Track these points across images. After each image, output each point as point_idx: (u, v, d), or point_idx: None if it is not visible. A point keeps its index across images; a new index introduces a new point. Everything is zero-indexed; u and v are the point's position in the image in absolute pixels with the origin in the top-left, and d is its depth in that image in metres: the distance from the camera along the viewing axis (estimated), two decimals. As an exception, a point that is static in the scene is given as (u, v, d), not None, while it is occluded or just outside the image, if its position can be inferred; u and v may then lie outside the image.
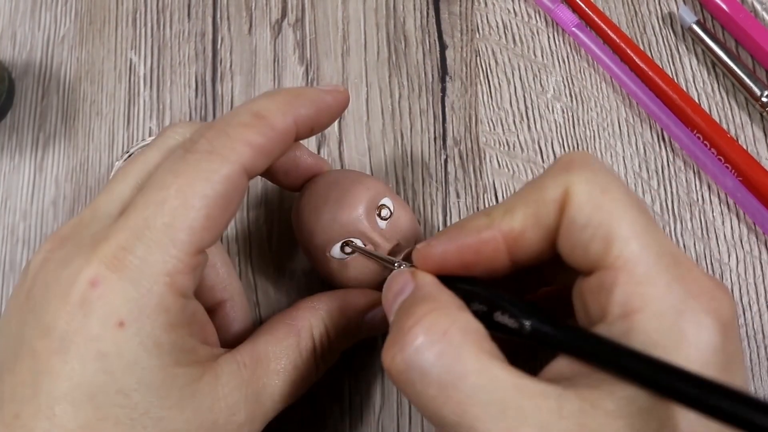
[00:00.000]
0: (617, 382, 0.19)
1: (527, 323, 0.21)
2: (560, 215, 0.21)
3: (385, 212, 0.28)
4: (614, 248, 0.20)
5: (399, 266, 0.26)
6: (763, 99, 0.33)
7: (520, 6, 0.37)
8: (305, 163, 0.29)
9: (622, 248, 0.20)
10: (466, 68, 0.36)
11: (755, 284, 0.32)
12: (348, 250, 0.28)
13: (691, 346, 0.19)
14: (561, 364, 0.21)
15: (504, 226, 0.22)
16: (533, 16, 0.36)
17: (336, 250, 0.28)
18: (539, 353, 0.26)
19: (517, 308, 0.21)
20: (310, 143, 0.35)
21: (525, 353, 0.24)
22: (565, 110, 0.35)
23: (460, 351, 0.20)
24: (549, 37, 0.36)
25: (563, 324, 0.20)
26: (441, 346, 0.20)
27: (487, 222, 0.22)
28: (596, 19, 0.35)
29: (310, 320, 0.26)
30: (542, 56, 0.36)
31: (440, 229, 0.33)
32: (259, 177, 0.34)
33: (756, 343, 0.31)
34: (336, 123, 0.35)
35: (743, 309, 0.31)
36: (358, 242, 0.28)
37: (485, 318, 0.21)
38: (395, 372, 0.20)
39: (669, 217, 0.33)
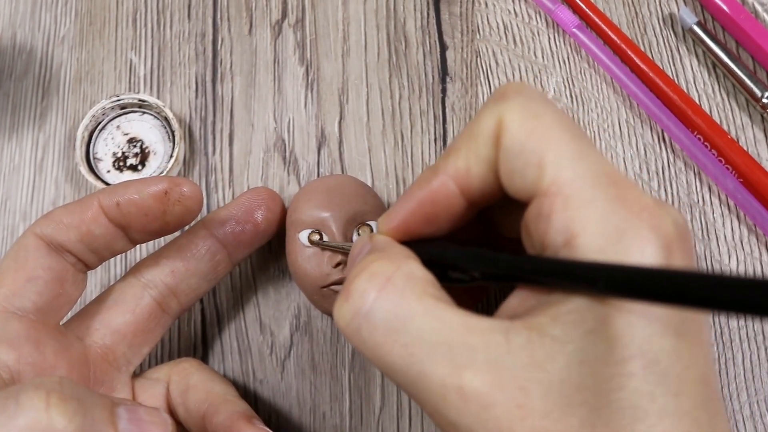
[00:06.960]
0: (563, 305, 0.18)
1: (476, 273, 0.21)
2: (497, 146, 0.21)
3: (364, 230, 0.30)
4: (547, 174, 0.19)
5: None
6: (764, 100, 0.33)
7: (520, 7, 0.37)
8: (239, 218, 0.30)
9: (556, 173, 0.19)
10: (467, 69, 0.36)
11: (756, 286, 0.31)
12: (315, 238, 0.29)
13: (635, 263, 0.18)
14: (512, 303, 0.20)
15: (450, 169, 0.22)
16: (534, 17, 0.36)
17: (303, 236, 0.29)
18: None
19: (463, 258, 0.21)
20: (310, 143, 0.35)
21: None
22: (565, 111, 0.35)
23: (404, 294, 0.19)
24: (549, 38, 0.36)
25: (505, 257, 0.20)
26: (384, 292, 0.20)
27: (434, 170, 0.22)
28: (597, 20, 0.35)
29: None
30: (543, 57, 0.36)
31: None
32: (257, 181, 0.34)
33: (756, 344, 0.31)
34: (336, 124, 0.35)
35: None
36: (326, 238, 0.29)
37: (444, 276, 0.21)
38: (343, 322, 0.20)
39: (669, 218, 0.33)
